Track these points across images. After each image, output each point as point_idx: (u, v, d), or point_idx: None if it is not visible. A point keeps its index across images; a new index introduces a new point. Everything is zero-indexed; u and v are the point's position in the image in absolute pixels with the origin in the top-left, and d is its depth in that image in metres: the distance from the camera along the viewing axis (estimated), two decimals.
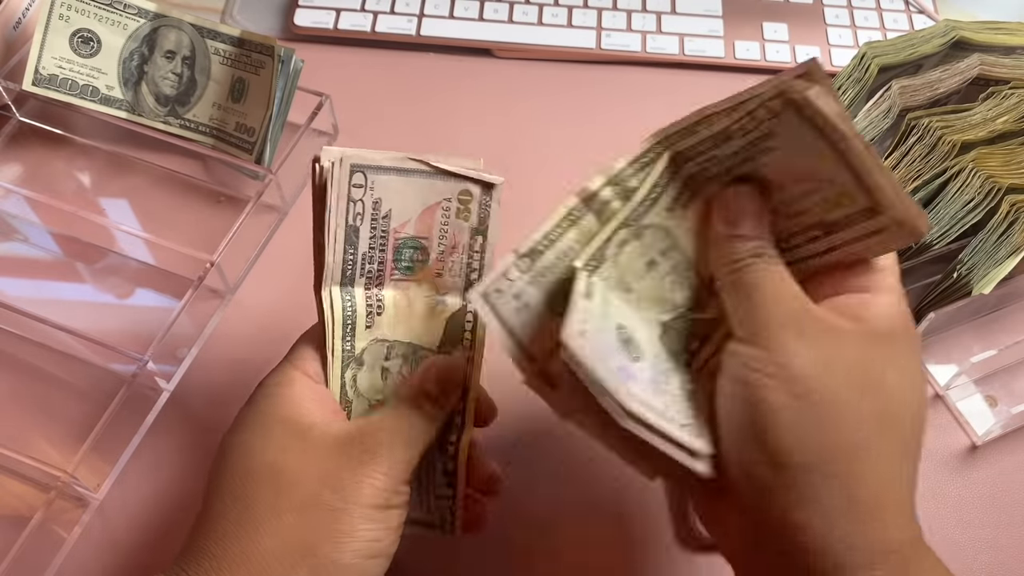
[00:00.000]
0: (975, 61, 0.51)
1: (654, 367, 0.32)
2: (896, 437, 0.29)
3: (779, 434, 0.28)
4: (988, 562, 0.42)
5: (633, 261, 0.32)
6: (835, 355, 0.29)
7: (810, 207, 0.31)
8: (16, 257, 0.51)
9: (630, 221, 0.32)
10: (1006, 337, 0.49)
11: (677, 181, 0.32)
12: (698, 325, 0.34)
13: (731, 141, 0.31)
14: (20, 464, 0.42)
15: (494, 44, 0.62)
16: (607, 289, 0.32)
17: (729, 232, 0.32)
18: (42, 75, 0.52)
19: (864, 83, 0.50)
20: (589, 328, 0.29)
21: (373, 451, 0.32)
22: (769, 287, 0.30)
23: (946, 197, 0.46)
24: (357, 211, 0.34)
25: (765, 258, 0.31)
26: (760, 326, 0.30)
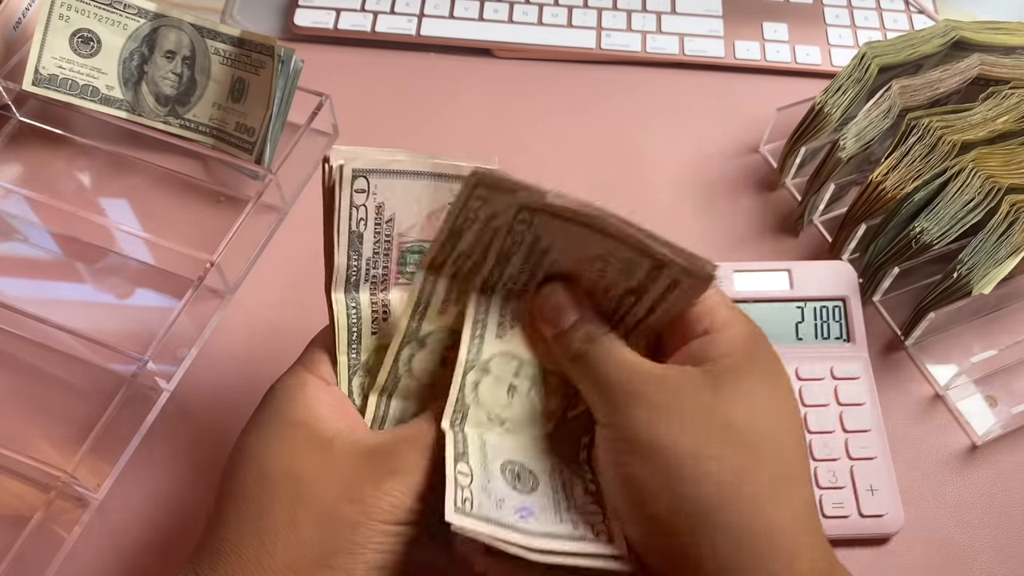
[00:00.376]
0: (975, 61, 0.51)
1: (552, 486, 0.32)
2: (767, 471, 0.29)
3: (655, 505, 0.29)
4: (988, 562, 0.42)
5: (493, 395, 0.33)
6: (680, 411, 0.29)
7: (613, 279, 0.32)
8: (16, 257, 0.51)
9: (471, 363, 0.32)
10: (1006, 337, 0.49)
11: (491, 310, 0.33)
12: (580, 421, 0.34)
13: (512, 258, 0.32)
14: (20, 464, 0.42)
15: (494, 44, 0.62)
16: (483, 433, 0.33)
17: (556, 331, 0.32)
18: (42, 75, 0.52)
19: (864, 83, 0.50)
20: (472, 489, 0.30)
21: (396, 468, 0.32)
22: (607, 365, 0.31)
23: (946, 197, 0.46)
24: (360, 216, 0.33)
25: (597, 339, 0.32)
26: (610, 405, 0.31)
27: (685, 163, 0.56)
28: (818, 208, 0.52)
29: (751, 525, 0.28)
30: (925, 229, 0.45)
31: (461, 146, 0.57)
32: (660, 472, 0.29)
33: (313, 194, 0.54)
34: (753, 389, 0.30)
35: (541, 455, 0.34)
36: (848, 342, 0.46)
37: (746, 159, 0.57)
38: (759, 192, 0.55)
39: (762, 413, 0.30)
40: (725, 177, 0.56)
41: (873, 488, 0.42)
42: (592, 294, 0.33)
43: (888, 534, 0.42)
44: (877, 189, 0.47)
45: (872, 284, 0.49)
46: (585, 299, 0.33)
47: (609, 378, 0.31)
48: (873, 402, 0.45)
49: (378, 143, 0.56)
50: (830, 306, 0.46)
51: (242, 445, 0.33)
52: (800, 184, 0.54)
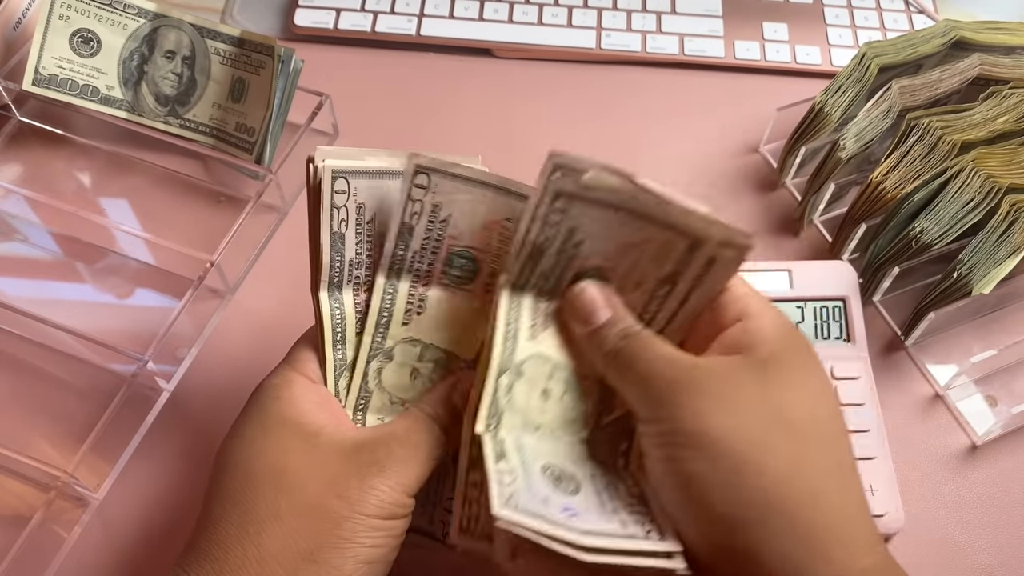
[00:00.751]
0: (975, 61, 0.51)
1: (595, 489, 0.32)
2: (826, 456, 0.29)
3: (716, 500, 0.28)
4: (988, 562, 0.42)
5: (527, 398, 0.32)
6: (732, 401, 0.29)
7: (645, 271, 0.32)
8: (16, 257, 0.51)
9: (504, 366, 0.32)
10: (1006, 337, 0.49)
11: (524, 311, 0.33)
12: (617, 426, 0.34)
13: (545, 254, 0.31)
14: (20, 464, 0.42)
15: (494, 44, 0.62)
16: (518, 436, 0.32)
17: (589, 330, 0.32)
18: (42, 75, 0.52)
19: (864, 83, 0.50)
20: (516, 487, 0.29)
21: (384, 462, 0.32)
22: (645, 359, 0.30)
23: (946, 197, 0.46)
24: (341, 217, 0.34)
25: (632, 335, 0.31)
26: (653, 400, 0.30)
27: (685, 163, 0.56)
28: (818, 208, 0.52)
29: (812, 517, 0.28)
30: (925, 229, 0.45)
31: (461, 146, 0.57)
32: (716, 464, 0.28)
33: None
34: (799, 377, 0.30)
35: (580, 460, 0.33)
36: (848, 342, 0.46)
37: (746, 159, 0.57)
38: (759, 192, 0.55)
39: (811, 402, 0.30)
40: (725, 177, 0.56)
41: (873, 488, 0.42)
42: (623, 291, 0.32)
43: (888, 534, 0.42)
44: (877, 189, 0.47)
45: (872, 284, 0.49)
46: (616, 296, 0.32)
47: (650, 372, 0.30)
48: (873, 402, 0.45)
49: (378, 143, 0.57)
50: (830, 306, 0.46)
51: (228, 444, 0.33)
52: (800, 184, 0.54)
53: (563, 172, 0.30)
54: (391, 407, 0.36)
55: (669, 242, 0.30)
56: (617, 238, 0.31)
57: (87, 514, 0.42)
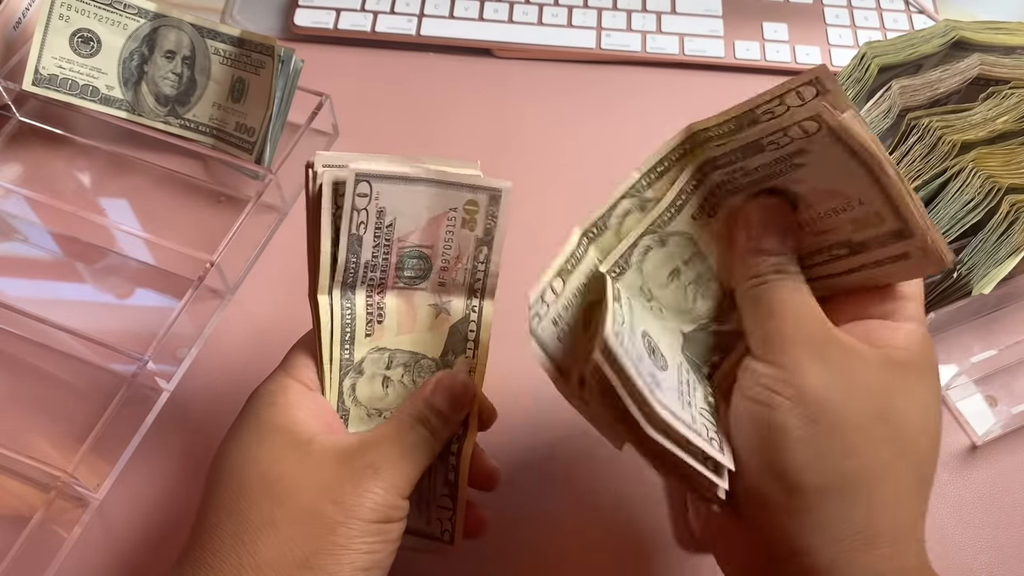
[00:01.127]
0: (975, 61, 0.51)
1: (679, 378, 0.31)
2: (910, 466, 0.29)
3: (792, 457, 0.28)
4: (988, 562, 0.42)
5: (657, 269, 0.32)
6: (852, 379, 0.28)
7: (838, 225, 0.30)
8: (16, 257, 0.51)
9: (655, 227, 0.31)
10: (1006, 337, 0.49)
11: (703, 189, 0.32)
12: (719, 337, 0.33)
13: (762, 153, 0.30)
14: (20, 464, 0.42)
15: (494, 44, 0.62)
16: (631, 296, 0.32)
17: (752, 246, 0.31)
18: (42, 75, 0.52)
19: (864, 83, 0.50)
20: (623, 330, 0.29)
21: (376, 465, 0.32)
22: (789, 305, 0.30)
23: (946, 197, 0.46)
24: (361, 219, 0.33)
25: (787, 275, 0.30)
26: (777, 345, 0.29)
27: None
28: None
29: (874, 515, 0.28)
30: None
31: (461, 146, 0.57)
32: (810, 425, 0.28)
33: None
34: (920, 390, 0.30)
35: (675, 348, 0.33)
36: None
37: None
38: None
39: (921, 415, 0.29)
40: None
41: None
42: (804, 229, 0.31)
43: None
44: None
45: None
46: (796, 231, 0.31)
47: (789, 318, 0.29)
48: None
49: (378, 143, 0.57)
50: None
51: (222, 452, 0.33)
52: None
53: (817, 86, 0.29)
54: (369, 420, 0.36)
55: (880, 216, 0.29)
56: (836, 182, 0.30)
57: (87, 514, 0.42)
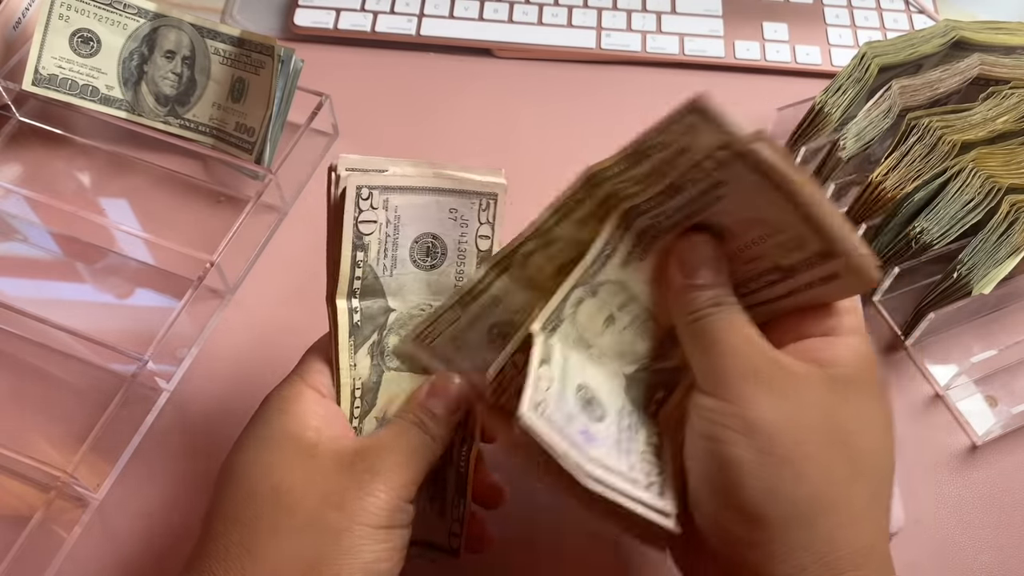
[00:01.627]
0: (975, 61, 0.51)
1: (619, 424, 0.32)
2: (865, 487, 0.29)
3: (748, 490, 0.28)
4: (988, 562, 0.42)
5: (591, 319, 0.32)
6: (799, 405, 0.29)
7: (765, 252, 0.31)
8: (16, 257, 0.51)
9: (585, 280, 0.32)
10: (1006, 337, 0.49)
11: (630, 236, 0.32)
12: (662, 375, 0.34)
13: (682, 193, 0.30)
14: (20, 464, 0.42)
15: (494, 44, 0.62)
16: (567, 348, 0.32)
17: (687, 282, 0.31)
18: (42, 75, 0.52)
19: (864, 83, 0.50)
20: (548, 396, 0.29)
21: (376, 469, 0.32)
22: (729, 337, 0.30)
23: (946, 197, 0.46)
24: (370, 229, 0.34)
25: (724, 307, 0.31)
26: (722, 378, 0.29)
27: None
28: None
29: (836, 540, 0.28)
30: (925, 229, 0.45)
31: (461, 146, 0.57)
32: (763, 457, 0.28)
33: (313, 194, 0.54)
34: (869, 407, 0.30)
35: (615, 392, 0.33)
36: None
37: None
38: None
39: (873, 433, 0.30)
40: None
41: None
42: (735, 260, 0.32)
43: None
44: (877, 189, 0.47)
45: None
46: (727, 262, 0.32)
47: (727, 350, 0.30)
48: None
49: (378, 143, 0.57)
50: None
51: (232, 459, 0.33)
52: None
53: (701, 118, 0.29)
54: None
55: (804, 238, 0.29)
56: (756, 210, 0.30)
57: (87, 514, 0.42)
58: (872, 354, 0.31)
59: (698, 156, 0.29)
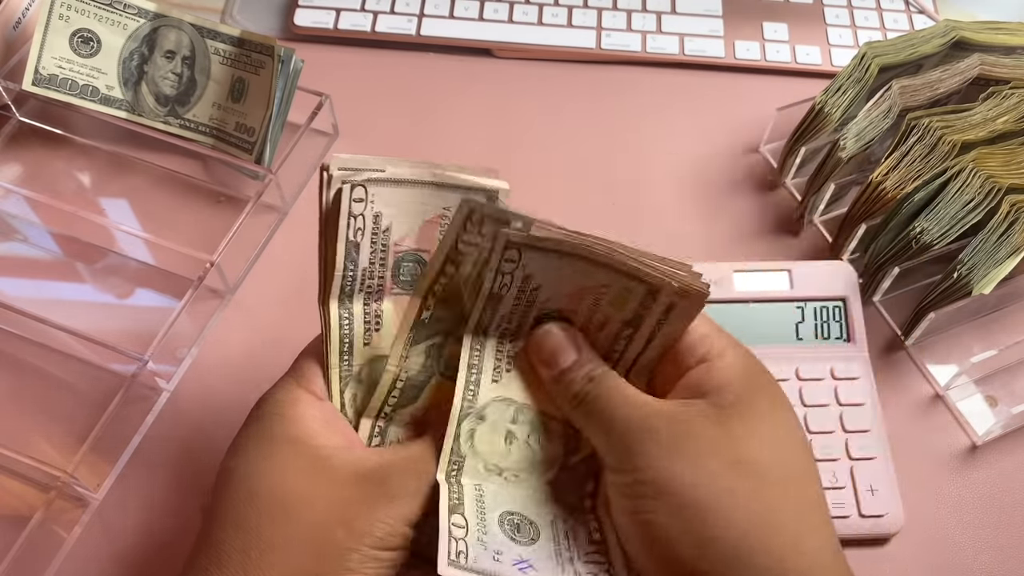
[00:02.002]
0: (975, 61, 0.51)
1: (555, 538, 0.32)
2: (790, 499, 0.29)
3: (679, 549, 0.28)
4: (988, 562, 0.42)
5: (491, 444, 0.32)
6: (697, 452, 0.28)
7: (607, 314, 0.31)
8: (16, 257, 0.51)
9: (467, 411, 0.32)
10: (1006, 337, 0.49)
11: (486, 354, 0.33)
12: (583, 467, 0.34)
13: (503, 299, 0.31)
14: (20, 464, 0.42)
15: (494, 44, 0.62)
16: (481, 483, 0.32)
17: (554, 372, 0.32)
18: (42, 75, 0.52)
19: (864, 83, 0.50)
20: (467, 542, 0.29)
21: (394, 494, 0.31)
22: (613, 403, 0.30)
23: (946, 197, 0.46)
24: (358, 226, 0.32)
25: (599, 378, 0.31)
26: (620, 448, 0.29)
27: (685, 163, 0.56)
28: (818, 208, 0.52)
29: (783, 567, 0.27)
30: (925, 229, 0.45)
31: (461, 146, 0.57)
32: (683, 515, 0.28)
33: (313, 194, 0.54)
34: (762, 419, 0.29)
35: (543, 504, 0.33)
36: (848, 342, 0.46)
37: (746, 159, 0.57)
38: (759, 192, 0.55)
39: (776, 444, 0.29)
40: (725, 177, 0.56)
41: (873, 488, 0.42)
42: (588, 332, 0.32)
43: (888, 534, 0.42)
44: (877, 189, 0.47)
45: (872, 284, 0.49)
46: (582, 338, 0.32)
47: (615, 418, 0.30)
48: (873, 402, 0.45)
49: (378, 143, 0.57)
50: (830, 306, 0.46)
51: (230, 463, 0.32)
52: (800, 184, 0.54)
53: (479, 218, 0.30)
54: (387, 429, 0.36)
55: (627, 288, 0.30)
56: (573, 283, 0.31)
57: (87, 514, 0.42)
58: (754, 364, 0.31)
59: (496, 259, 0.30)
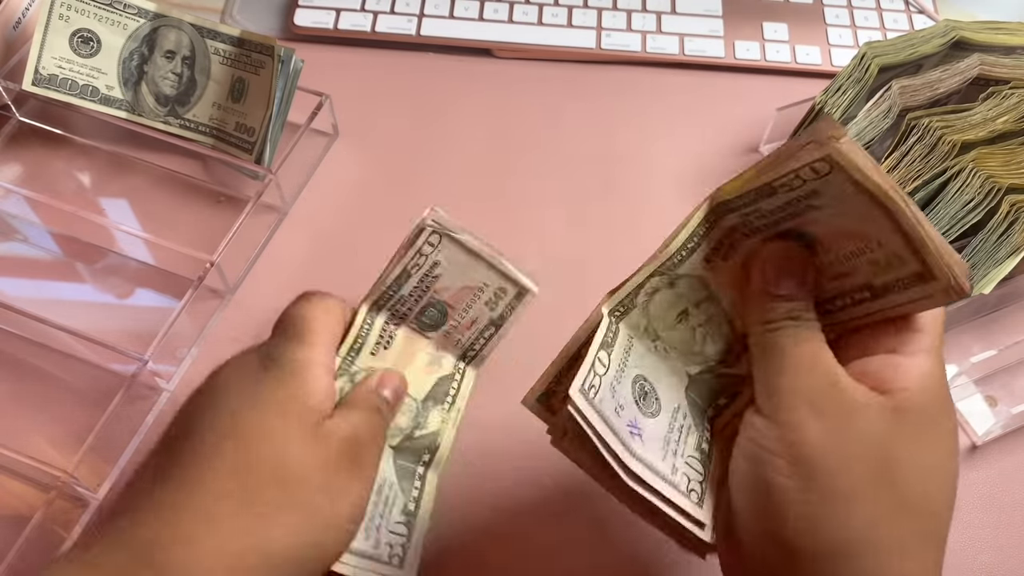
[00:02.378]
0: (975, 61, 0.51)
1: (671, 423, 0.31)
2: (913, 524, 0.28)
3: (788, 519, 0.27)
4: (988, 562, 0.42)
5: (664, 310, 0.32)
6: (851, 438, 0.27)
7: (857, 268, 0.29)
8: (16, 257, 0.51)
9: (664, 270, 0.31)
10: (1006, 337, 0.49)
11: (717, 232, 0.31)
12: (727, 380, 0.33)
13: (775, 196, 0.29)
14: (20, 464, 0.42)
15: (494, 44, 0.62)
16: (633, 337, 0.31)
17: (767, 290, 0.30)
18: (42, 75, 0.52)
19: (864, 83, 0.50)
20: (602, 381, 0.29)
21: (362, 464, 0.32)
22: (797, 356, 0.29)
23: (946, 197, 0.46)
24: (418, 263, 0.37)
25: (801, 322, 0.29)
26: (779, 398, 0.28)
27: (685, 163, 0.56)
28: None
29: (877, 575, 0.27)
30: None
31: (461, 146, 0.57)
32: (807, 488, 0.27)
33: (313, 194, 0.54)
34: (928, 437, 0.28)
35: (676, 389, 0.32)
36: None
37: (746, 159, 0.57)
38: None
39: (929, 470, 0.28)
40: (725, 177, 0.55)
41: None
42: (823, 274, 0.30)
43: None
44: None
45: None
46: (814, 275, 0.30)
47: (794, 371, 0.28)
48: None
49: (378, 143, 0.57)
50: None
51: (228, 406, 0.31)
52: None
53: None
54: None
55: (901, 258, 0.28)
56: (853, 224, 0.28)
57: (87, 514, 0.42)
58: (942, 375, 0.29)
59: (797, 164, 0.27)
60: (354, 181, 0.55)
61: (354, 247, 0.50)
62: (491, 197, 0.54)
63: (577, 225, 0.53)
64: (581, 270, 0.51)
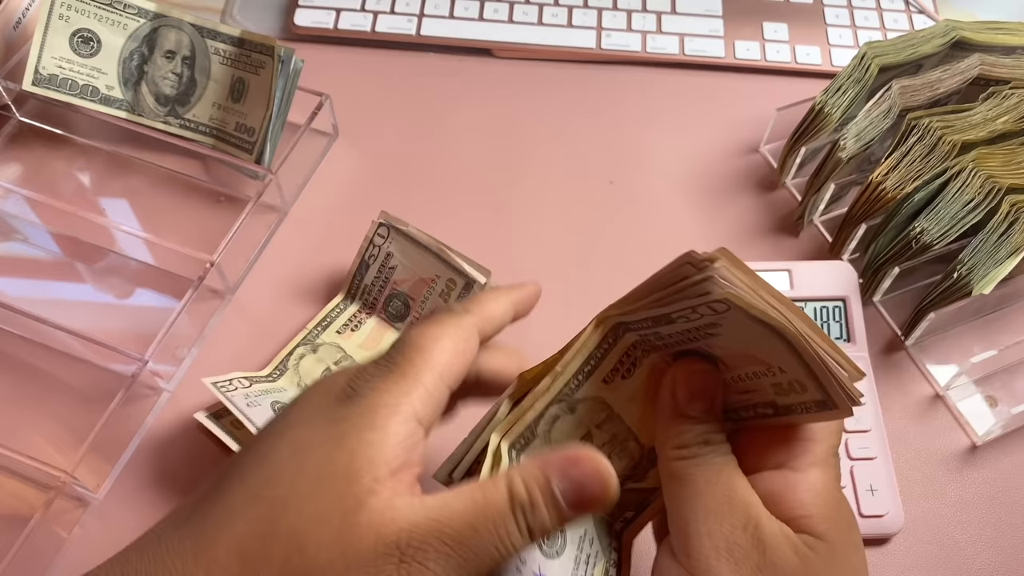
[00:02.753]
0: (975, 61, 0.51)
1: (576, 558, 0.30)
2: None
3: None
4: (988, 562, 0.42)
5: (566, 436, 0.31)
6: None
7: (761, 387, 0.29)
8: (16, 257, 0.51)
9: (562, 396, 0.30)
10: (1006, 337, 0.49)
11: (617, 350, 0.31)
12: (634, 495, 0.32)
13: (674, 324, 0.28)
14: (20, 464, 0.42)
15: (494, 44, 0.62)
16: None
17: (678, 412, 0.29)
18: (42, 75, 0.52)
19: (864, 83, 0.50)
20: None
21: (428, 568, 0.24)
22: (711, 496, 0.28)
23: (946, 197, 0.46)
24: (372, 253, 0.45)
25: (713, 446, 0.29)
26: (693, 544, 0.27)
27: (685, 163, 0.56)
28: (818, 208, 0.52)
29: None
30: (925, 229, 0.45)
31: (461, 146, 0.57)
32: None
33: (313, 194, 0.54)
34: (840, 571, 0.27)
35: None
36: (848, 342, 0.46)
37: (746, 159, 0.57)
38: (759, 192, 0.55)
39: None
40: (725, 177, 0.56)
41: (873, 488, 0.42)
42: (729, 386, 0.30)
43: (888, 534, 0.42)
44: (877, 189, 0.47)
45: (872, 284, 0.49)
46: (722, 395, 0.30)
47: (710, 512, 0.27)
48: (873, 402, 0.45)
49: (378, 143, 0.57)
50: (830, 306, 0.46)
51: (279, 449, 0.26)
52: (800, 184, 0.54)
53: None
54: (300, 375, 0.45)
55: (802, 384, 0.28)
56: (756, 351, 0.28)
57: (87, 514, 0.42)
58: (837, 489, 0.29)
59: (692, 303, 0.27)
60: (354, 181, 0.55)
61: (354, 247, 0.50)
62: (491, 197, 0.54)
63: (577, 224, 0.53)
64: (581, 270, 0.51)
